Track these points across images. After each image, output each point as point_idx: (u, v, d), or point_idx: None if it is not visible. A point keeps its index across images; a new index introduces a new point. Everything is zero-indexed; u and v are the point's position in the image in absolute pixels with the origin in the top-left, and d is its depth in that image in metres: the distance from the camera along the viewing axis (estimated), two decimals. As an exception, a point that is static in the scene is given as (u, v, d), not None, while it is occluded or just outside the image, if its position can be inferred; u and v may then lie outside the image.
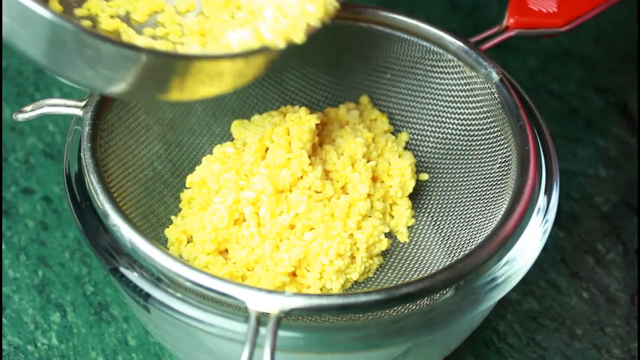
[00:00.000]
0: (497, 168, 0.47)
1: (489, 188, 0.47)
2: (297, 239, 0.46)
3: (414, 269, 0.48)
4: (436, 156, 0.51)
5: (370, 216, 0.48)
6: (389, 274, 0.48)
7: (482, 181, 0.48)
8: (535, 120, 0.47)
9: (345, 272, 0.47)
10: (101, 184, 0.42)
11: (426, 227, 0.50)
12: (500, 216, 0.43)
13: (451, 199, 0.49)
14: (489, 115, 0.49)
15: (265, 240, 0.46)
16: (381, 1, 0.67)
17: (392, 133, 0.52)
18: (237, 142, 0.49)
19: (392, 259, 0.49)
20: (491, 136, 0.48)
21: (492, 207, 0.46)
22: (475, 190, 0.48)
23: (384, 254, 0.49)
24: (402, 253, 0.49)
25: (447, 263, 0.46)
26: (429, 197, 0.51)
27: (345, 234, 0.47)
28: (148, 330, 0.50)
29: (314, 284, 0.46)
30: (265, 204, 0.46)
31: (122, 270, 0.41)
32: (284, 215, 0.46)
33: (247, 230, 0.46)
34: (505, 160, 0.47)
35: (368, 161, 0.49)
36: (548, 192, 0.44)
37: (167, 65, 0.39)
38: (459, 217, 0.48)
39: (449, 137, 0.51)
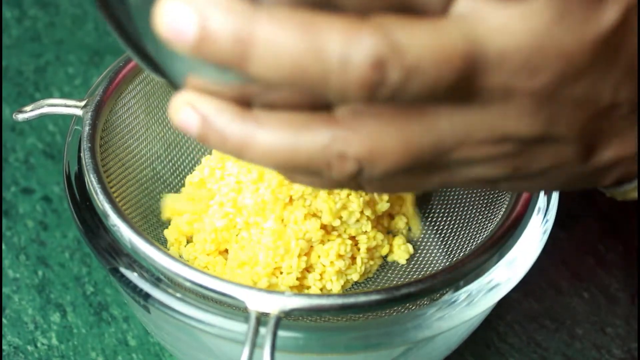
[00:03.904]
0: (497, 168, 0.47)
1: (489, 188, 0.47)
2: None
3: (414, 269, 0.48)
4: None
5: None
6: (388, 274, 0.48)
7: (482, 181, 0.48)
8: (535, 120, 0.47)
9: (345, 273, 0.47)
10: (101, 184, 0.42)
11: (426, 228, 0.50)
12: (500, 216, 0.43)
13: (451, 199, 0.49)
14: (489, 115, 0.48)
15: (264, 238, 0.46)
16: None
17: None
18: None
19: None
20: (491, 136, 0.48)
21: (492, 207, 0.46)
22: (475, 190, 0.48)
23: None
24: (402, 253, 0.49)
25: (447, 263, 0.46)
26: (428, 198, 0.51)
27: (346, 235, 0.47)
28: (148, 330, 0.50)
29: (314, 285, 0.46)
30: (263, 210, 0.46)
31: (122, 270, 0.41)
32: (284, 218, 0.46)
33: (246, 232, 0.46)
34: (505, 160, 0.47)
35: None
36: (548, 192, 0.44)
37: None
38: (459, 217, 0.48)
39: (449, 137, 0.51)
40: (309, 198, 0.45)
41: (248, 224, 0.46)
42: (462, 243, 0.47)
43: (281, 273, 0.45)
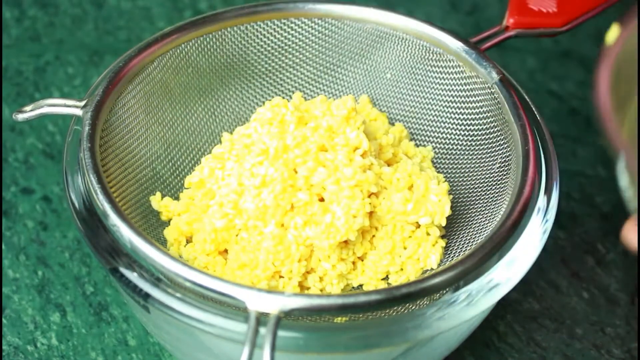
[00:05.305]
0: (497, 168, 0.47)
1: (489, 188, 0.47)
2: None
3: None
4: (436, 156, 0.51)
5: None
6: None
7: (482, 181, 0.48)
8: (535, 120, 0.47)
9: (346, 277, 0.47)
10: (101, 184, 0.42)
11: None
12: (500, 216, 0.43)
13: (451, 199, 0.49)
14: (488, 115, 0.48)
15: (264, 242, 0.46)
16: (381, 1, 0.67)
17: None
18: (238, 145, 0.49)
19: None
20: (491, 136, 0.48)
21: (492, 207, 0.46)
22: (475, 190, 0.48)
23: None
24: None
25: (447, 263, 0.46)
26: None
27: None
28: (148, 330, 0.50)
29: (314, 286, 0.46)
30: (264, 215, 0.46)
31: (122, 270, 0.41)
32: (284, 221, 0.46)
33: (246, 233, 0.46)
34: (505, 160, 0.47)
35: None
36: (548, 192, 0.44)
37: None
38: (459, 217, 0.48)
39: (449, 137, 0.51)
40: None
41: (247, 227, 0.46)
42: (462, 243, 0.47)
43: (281, 277, 0.45)
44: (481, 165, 0.49)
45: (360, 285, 0.47)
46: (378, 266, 0.46)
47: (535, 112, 0.48)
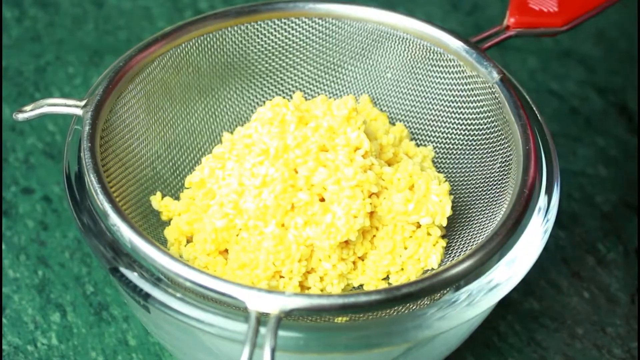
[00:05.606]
0: (498, 168, 0.47)
1: (490, 188, 0.47)
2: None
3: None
4: (436, 156, 0.51)
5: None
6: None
7: (482, 181, 0.48)
8: (535, 120, 0.47)
9: (347, 277, 0.47)
10: (101, 184, 0.42)
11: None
12: (500, 216, 0.43)
13: (452, 199, 0.49)
14: (489, 114, 0.48)
15: (265, 242, 0.46)
16: (382, 1, 0.67)
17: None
18: (238, 145, 0.49)
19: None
20: (492, 136, 0.48)
21: (493, 206, 0.46)
22: (476, 190, 0.48)
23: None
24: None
25: (448, 263, 0.46)
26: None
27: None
28: (148, 330, 0.50)
29: (315, 286, 0.46)
30: (265, 215, 0.46)
31: (122, 270, 0.41)
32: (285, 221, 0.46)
33: (246, 233, 0.46)
34: (505, 160, 0.47)
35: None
36: (548, 192, 0.44)
37: None
38: (459, 216, 0.48)
39: (450, 136, 0.51)
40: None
41: (247, 227, 0.46)
42: (462, 243, 0.47)
43: (281, 277, 0.45)
44: (482, 165, 0.49)
45: (361, 285, 0.47)
46: (378, 266, 0.46)
47: (536, 112, 0.48)
